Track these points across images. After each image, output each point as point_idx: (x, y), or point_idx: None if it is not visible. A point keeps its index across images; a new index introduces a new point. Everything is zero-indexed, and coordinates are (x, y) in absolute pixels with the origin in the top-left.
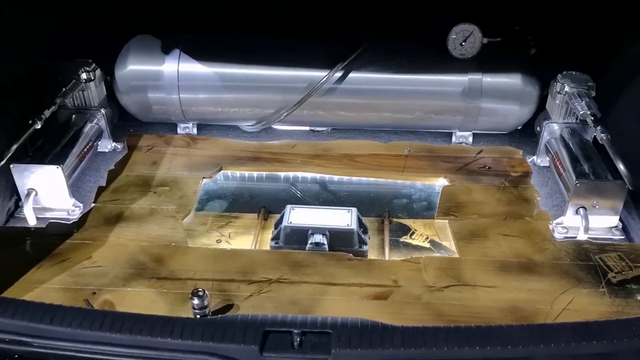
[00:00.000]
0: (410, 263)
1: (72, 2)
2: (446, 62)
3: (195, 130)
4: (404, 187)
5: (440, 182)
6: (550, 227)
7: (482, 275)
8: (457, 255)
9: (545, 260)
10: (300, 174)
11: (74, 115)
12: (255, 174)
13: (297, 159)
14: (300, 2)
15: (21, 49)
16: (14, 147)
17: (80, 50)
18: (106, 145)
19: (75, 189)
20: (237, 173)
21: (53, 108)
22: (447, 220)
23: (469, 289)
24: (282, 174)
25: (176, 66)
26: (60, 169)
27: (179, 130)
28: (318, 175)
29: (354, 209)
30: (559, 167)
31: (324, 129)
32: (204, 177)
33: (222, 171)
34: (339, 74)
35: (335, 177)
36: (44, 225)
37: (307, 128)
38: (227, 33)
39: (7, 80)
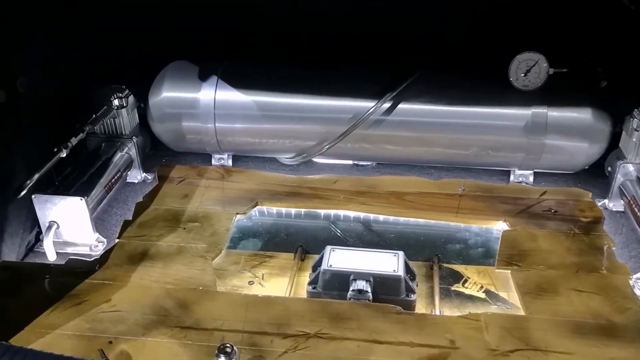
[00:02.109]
0: (468, 320)
1: (107, 25)
2: (507, 94)
3: (230, 162)
4: (458, 231)
5: (499, 226)
6: (631, 282)
7: (553, 339)
8: (522, 313)
9: (628, 322)
10: (342, 212)
11: (103, 144)
12: (292, 210)
13: (339, 195)
14: (346, 27)
15: (51, 71)
16: (36, 176)
17: (113, 75)
18: (136, 175)
19: (100, 222)
20: (274, 209)
21: (81, 135)
22: (509, 271)
23: (540, 355)
24: (322, 212)
25: (213, 94)
26: (84, 201)
27: (213, 162)
28: (361, 214)
29: (401, 253)
30: (637, 212)
31: (368, 163)
32: (237, 213)
33: (257, 207)
34: (387, 105)
35: (381, 217)
36: (63, 262)
37: (350, 162)
38: (267, 60)
39: (34, 103)
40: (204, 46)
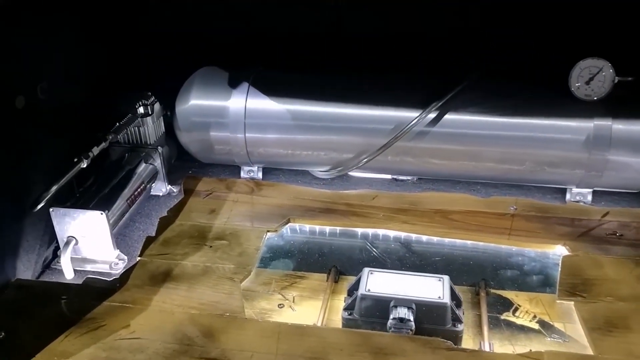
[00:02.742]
0: (529, 359)
1: (133, 30)
2: (567, 105)
3: (260, 175)
4: (510, 254)
5: (557, 251)
6: None
7: None
8: (589, 351)
9: None
10: (381, 232)
11: (127, 153)
12: (327, 228)
13: (378, 213)
14: (388, 31)
15: (73, 77)
16: (54, 188)
17: (139, 81)
18: (160, 188)
19: (121, 238)
20: (307, 227)
21: (103, 145)
22: (572, 302)
23: None
24: (359, 230)
25: (243, 102)
26: (104, 215)
27: (242, 174)
28: (402, 234)
29: (446, 278)
30: None
31: (408, 178)
32: (268, 231)
33: (289, 224)
34: (432, 115)
35: (424, 237)
36: (81, 281)
37: (389, 176)
38: (302, 66)
39: (54, 110)
40: (234, 52)
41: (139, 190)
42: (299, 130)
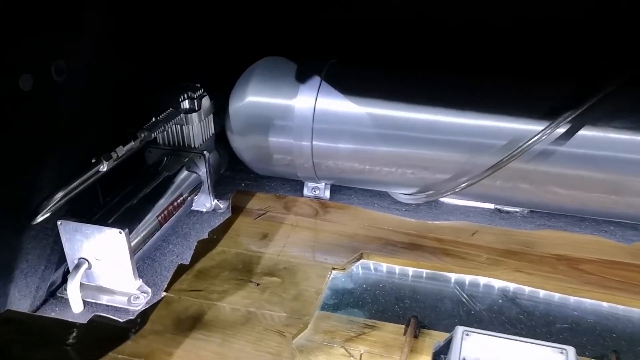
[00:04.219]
0: None
1: (183, 6)
2: None
3: (327, 194)
4: None
5: None
6: None
7: None
8: None
9: None
10: (482, 279)
11: (165, 158)
12: (410, 269)
13: (480, 254)
14: (502, 20)
15: (101, 56)
16: (59, 195)
17: (185, 70)
18: (204, 202)
19: (148, 264)
20: (383, 265)
21: (132, 145)
22: None
23: None
24: (452, 275)
25: (312, 101)
26: (124, 234)
27: (305, 192)
28: (511, 286)
29: (571, 350)
30: None
31: (517, 209)
32: (333, 268)
33: (361, 260)
34: (561, 130)
35: (541, 292)
36: (90, 316)
37: (492, 206)
38: (389, 61)
39: (74, 97)
40: (304, 39)
41: (176, 203)
42: (381, 140)
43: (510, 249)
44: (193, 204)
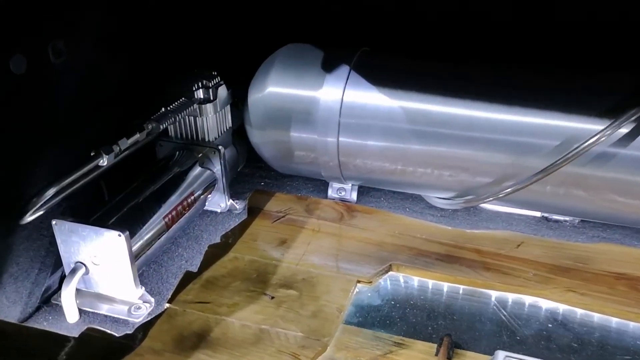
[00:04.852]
0: None
1: None
2: None
3: (354, 196)
4: None
5: None
6: None
7: None
8: None
9: None
10: (527, 299)
11: (178, 152)
12: (445, 285)
13: (526, 269)
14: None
15: (104, 37)
16: (51, 191)
17: (201, 56)
18: (219, 202)
19: (154, 269)
20: (415, 279)
21: (137, 137)
22: None
23: None
24: (493, 293)
25: (340, 93)
26: (123, 238)
27: (330, 192)
28: (561, 307)
29: None
30: None
31: (567, 218)
32: (359, 281)
33: (390, 272)
34: (625, 130)
35: (595, 316)
36: (82, 331)
37: (538, 214)
38: (426, 51)
39: (71, 83)
40: (332, 24)
41: (186, 203)
42: (414, 137)
43: (562, 265)
44: (206, 204)
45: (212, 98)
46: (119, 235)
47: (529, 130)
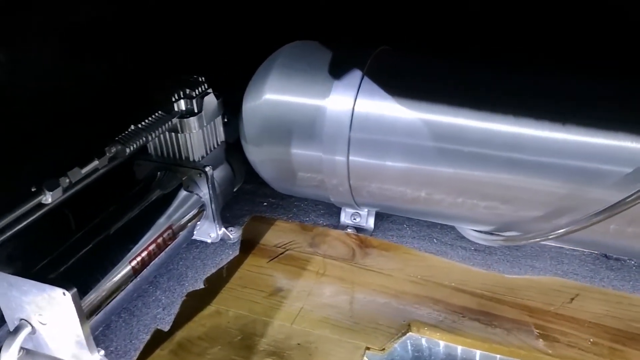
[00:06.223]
0: None
1: None
2: None
3: (371, 223)
4: None
5: None
6: None
7: None
8: None
9: None
10: None
11: (159, 172)
12: (478, 353)
13: (581, 334)
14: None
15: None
16: None
17: (186, 60)
18: (208, 231)
19: (122, 321)
20: (440, 343)
21: (96, 164)
22: None
23: None
24: None
25: (351, 102)
26: (69, 296)
27: (343, 218)
28: None
29: None
30: None
31: (633, 260)
32: (368, 348)
33: (409, 334)
34: None
35: None
36: None
37: (596, 252)
38: (454, 52)
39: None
40: (342, 21)
41: (161, 240)
42: (442, 158)
43: (630, 330)
44: (195, 233)
45: (196, 110)
46: (64, 294)
47: (593, 152)
